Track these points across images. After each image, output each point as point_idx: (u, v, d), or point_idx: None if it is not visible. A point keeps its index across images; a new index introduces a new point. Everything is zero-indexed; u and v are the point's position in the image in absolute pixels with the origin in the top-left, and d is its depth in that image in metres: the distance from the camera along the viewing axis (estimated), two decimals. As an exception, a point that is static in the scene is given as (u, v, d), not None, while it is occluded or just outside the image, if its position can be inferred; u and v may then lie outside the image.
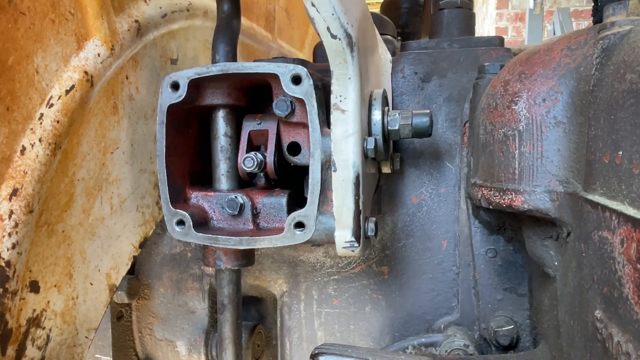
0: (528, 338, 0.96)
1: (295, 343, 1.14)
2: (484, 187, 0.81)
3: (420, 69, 1.03)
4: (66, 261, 0.84)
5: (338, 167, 0.69)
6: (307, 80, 0.71)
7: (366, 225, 0.73)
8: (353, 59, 0.64)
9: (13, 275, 0.72)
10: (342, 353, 0.72)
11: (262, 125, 0.81)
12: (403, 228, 1.05)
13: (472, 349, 0.93)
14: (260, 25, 1.53)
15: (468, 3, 1.18)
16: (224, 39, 0.85)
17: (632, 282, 0.46)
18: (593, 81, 0.61)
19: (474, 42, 1.06)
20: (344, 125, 0.67)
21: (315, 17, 0.60)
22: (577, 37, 0.71)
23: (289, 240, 0.74)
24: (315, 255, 1.10)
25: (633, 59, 0.51)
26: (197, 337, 1.19)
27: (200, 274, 1.17)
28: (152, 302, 1.21)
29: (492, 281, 0.99)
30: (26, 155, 0.70)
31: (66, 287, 0.85)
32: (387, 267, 1.06)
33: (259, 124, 0.81)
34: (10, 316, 0.73)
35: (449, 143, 1.02)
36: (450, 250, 1.03)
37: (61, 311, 0.84)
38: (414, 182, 1.04)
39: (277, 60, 0.78)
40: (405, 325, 1.06)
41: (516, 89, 0.74)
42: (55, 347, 0.83)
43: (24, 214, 0.72)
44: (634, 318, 0.46)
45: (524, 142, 0.73)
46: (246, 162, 0.79)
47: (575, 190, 0.66)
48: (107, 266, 0.95)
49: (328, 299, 1.10)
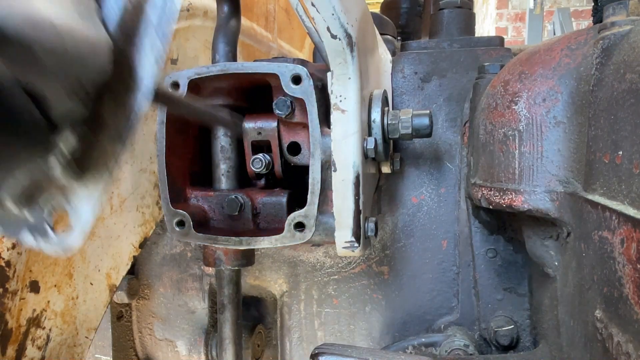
0: (528, 338, 0.96)
1: (295, 343, 1.14)
2: (484, 187, 0.81)
3: (420, 69, 1.03)
4: (66, 261, 0.84)
5: (338, 167, 0.69)
6: (307, 80, 0.71)
7: (366, 225, 0.73)
8: (353, 59, 0.64)
9: (13, 275, 0.72)
10: (342, 353, 0.72)
11: (263, 127, 0.81)
12: (403, 228, 1.05)
13: (472, 349, 0.93)
14: (260, 25, 1.53)
15: (468, 3, 1.18)
16: (224, 39, 0.85)
17: (632, 282, 0.46)
18: (593, 81, 0.61)
19: (474, 42, 1.06)
20: (344, 125, 0.67)
21: (315, 17, 0.60)
22: (577, 37, 0.71)
23: (289, 240, 0.74)
24: (315, 255, 1.10)
25: (633, 59, 0.51)
26: (197, 337, 1.19)
27: (200, 274, 1.17)
28: (152, 302, 1.21)
29: (492, 281, 0.99)
30: (26, 155, 0.70)
31: (66, 287, 0.85)
32: (387, 267, 1.06)
33: (259, 134, 0.81)
34: (11, 316, 0.73)
35: (449, 143, 1.02)
36: (450, 250, 1.03)
37: (61, 311, 0.84)
38: (414, 182, 1.04)
39: (277, 60, 0.78)
40: (405, 325, 1.06)
41: (516, 89, 0.74)
42: (55, 347, 0.83)
43: (24, 214, 0.72)
44: (634, 318, 0.46)
45: (524, 142, 0.73)
46: (255, 163, 0.79)
47: (575, 190, 0.66)
48: (107, 266, 0.95)
49: (328, 299, 1.10)
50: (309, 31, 0.73)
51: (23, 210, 0.40)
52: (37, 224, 0.41)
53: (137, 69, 0.39)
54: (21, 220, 0.41)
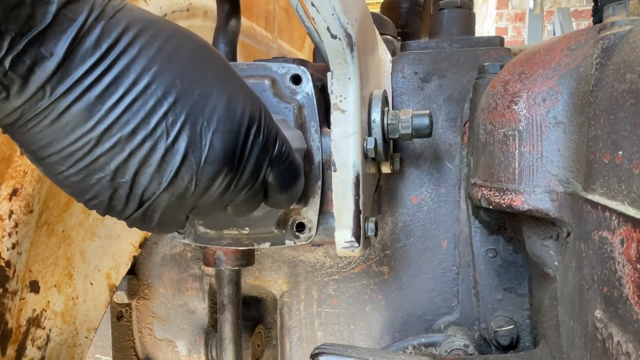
0: (528, 338, 0.96)
1: (295, 343, 1.14)
2: (484, 187, 0.81)
3: (420, 69, 1.03)
4: (66, 261, 0.84)
5: (338, 167, 0.69)
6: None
7: (366, 225, 0.73)
8: (353, 59, 0.64)
9: (13, 275, 0.72)
10: (342, 353, 0.72)
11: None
12: (403, 228, 1.05)
13: (472, 349, 0.93)
14: (260, 25, 1.53)
15: (468, 3, 1.18)
16: (224, 39, 0.85)
17: (632, 282, 0.46)
18: (593, 81, 0.61)
19: (474, 42, 1.06)
20: (344, 125, 0.67)
21: (315, 17, 0.60)
22: (577, 37, 0.71)
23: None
24: (315, 255, 1.10)
25: (633, 59, 0.51)
26: (197, 337, 1.19)
27: (200, 274, 1.17)
28: (152, 302, 1.21)
29: (492, 281, 0.99)
30: (26, 155, 0.70)
31: (66, 287, 0.85)
32: (387, 267, 1.06)
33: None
34: (10, 316, 0.73)
35: (449, 143, 1.02)
36: (450, 250, 1.03)
37: (61, 311, 0.84)
38: (414, 182, 1.04)
39: (277, 60, 0.78)
40: (405, 325, 1.06)
41: (516, 89, 0.74)
42: (55, 347, 0.84)
43: (24, 214, 0.72)
44: (634, 318, 0.46)
45: (524, 142, 0.73)
46: None
47: (575, 190, 0.66)
48: (107, 266, 0.95)
49: (328, 299, 1.11)
50: (309, 31, 0.73)
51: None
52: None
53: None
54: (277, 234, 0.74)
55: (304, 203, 0.73)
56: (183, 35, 0.51)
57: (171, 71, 0.47)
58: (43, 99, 0.43)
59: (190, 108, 0.48)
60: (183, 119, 0.47)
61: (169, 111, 0.46)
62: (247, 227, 0.73)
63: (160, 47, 0.47)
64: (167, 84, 0.46)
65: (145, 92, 0.45)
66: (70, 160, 0.46)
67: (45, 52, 0.41)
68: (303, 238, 0.74)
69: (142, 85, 0.45)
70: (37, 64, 0.41)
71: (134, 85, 0.45)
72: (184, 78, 0.48)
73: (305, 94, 0.72)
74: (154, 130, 0.46)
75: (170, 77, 0.47)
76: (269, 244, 0.75)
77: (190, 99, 0.48)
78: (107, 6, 0.45)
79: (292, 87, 0.72)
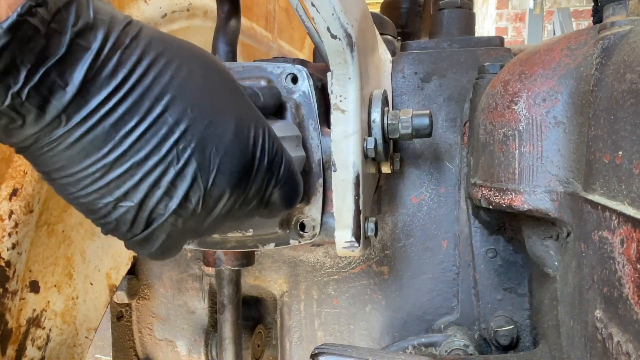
0: (528, 338, 0.96)
1: (295, 343, 1.14)
2: (483, 187, 0.81)
3: (420, 69, 1.03)
4: (66, 261, 0.84)
5: (338, 167, 0.69)
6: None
7: (366, 225, 0.73)
8: (353, 59, 0.64)
9: (13, 275, 0.72)
10: (342, 353, 0.72)
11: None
12: (403, 228, 1.05)
13: (472, 349, 0.93)
14: (260, 25, 1.53)
15: (468, 3, 1.18)
16: (224, 39, 0.85)
17: (632, 282, 0.46)
18: (593, 81, 0.61)
19: (474, 42, 1.06)
20: (344, 125, 0.67)
21: (315, 17, 0.60)
22: (577, 37, 0.71)
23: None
24: (315, 255, 1.10)
25: (633, 59, 0.51)
26: (197, 337, 1.19)
27: (200, 274, 1.17)
28: (152, 302, 1.21)
29: (492, 281, 0.99)
30: (26, 155, 0.70)
31: (66, 287, 0.85)
32: (387, 267, 1.06)
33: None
34: (10, 316, 0.73)
35: (449, 143, 1.02)
36: (450, 250, 1.03)
37: (61, 311, 0.84)
38: (414, 182, 1.04)
39: (277, 60, 0.78)
40: (405, 325, 1.06)
41: (516, 89, 0.74)
42: (55, 347, 0.84)
43: (24, 214, 0.72)
44: (634, 318, 0.46)
45: (524, 142, 0.73)
46: None
47: (575, 190, 0.66)
48: (107, 266, 0.95)
49: (328, 299, 1.11)
50: (309, 31, 0.73)
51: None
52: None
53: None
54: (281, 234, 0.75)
55: (307, 202, 0.73)
56: (195, 59, 0.52)
57: (183, 99, 0.48)
58: (59, 127, 0.43)
59: (200, 135, 0.49)
60: (194, 145, 0.49)
61: (180, 138, 0.48)
62: (250, 229, 0.73)
63: (172, 75, 0.48)
64: (179, 112, 0.48)
65: (157, 121, 0.47)
66: (83, 184, 0.47)
67: (61, 82, 0.42)
68: (307, 237, 0.74)
69: (156, 114, 0.46)
70: (53, 94, 0.41)
71: (147, 114, 0.46)
72: (195, 106, 0.49)
73: (302, 93, 0.72)
74: (165, 156, 0.47)
75: (182, 106, 0.48)
76: (274, 244, 0.75)
77: (200, 126, 0.49)
78: (122, 34, 0.45)
79: (289, 86, 0.72)
